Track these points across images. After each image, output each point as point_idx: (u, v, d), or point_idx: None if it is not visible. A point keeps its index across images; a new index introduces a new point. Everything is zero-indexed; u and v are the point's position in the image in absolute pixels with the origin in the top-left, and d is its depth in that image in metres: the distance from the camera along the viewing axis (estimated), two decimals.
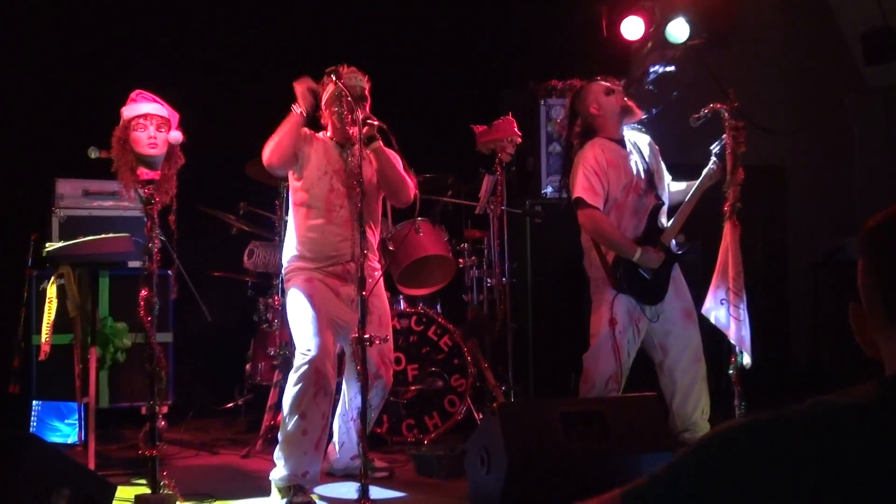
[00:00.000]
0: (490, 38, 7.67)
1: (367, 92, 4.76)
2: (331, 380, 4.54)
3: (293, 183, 4.89)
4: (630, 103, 5.46)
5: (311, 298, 4.70)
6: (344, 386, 5.02)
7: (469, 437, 4.58)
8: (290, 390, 4.52)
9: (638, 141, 5.56)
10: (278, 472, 4.56)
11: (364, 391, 4.20)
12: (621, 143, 5.47)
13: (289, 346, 5.16)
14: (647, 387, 5.31)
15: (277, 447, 4.58)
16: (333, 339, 4.66)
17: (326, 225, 4.78)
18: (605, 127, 5.44)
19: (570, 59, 7.43)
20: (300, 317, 4.69)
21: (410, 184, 4.85)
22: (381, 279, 5.01)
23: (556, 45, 7.61)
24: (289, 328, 4.86)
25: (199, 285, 5.85)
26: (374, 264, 4.95)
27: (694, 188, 5.36)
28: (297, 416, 4.46)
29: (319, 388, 4.47)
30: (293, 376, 4.53)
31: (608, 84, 5.46)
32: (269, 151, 4.73)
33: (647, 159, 5.51)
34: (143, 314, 4.28)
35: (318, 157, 4.81)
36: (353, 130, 4.54)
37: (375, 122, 4.54)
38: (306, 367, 4.48)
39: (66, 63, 6.73)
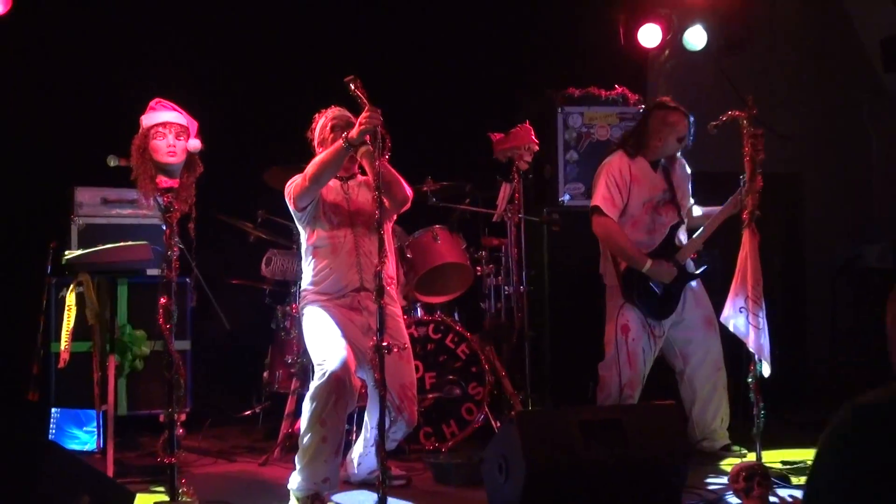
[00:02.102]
0: (507, 46, 7.67)
1: (353, 119, 4.70)
2: (351, 389, 4.53)
3: (300, 226, 4.94)
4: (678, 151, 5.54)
5: (329, 317, 4.74)
6: (366, 416, 5.01)
7: (487, 446, 4.56)
8: (310, 400, 4.52)
9: (668, 161, 5.58)
10: (297, 481, 4.55)
11: (382, 403, 4.14)
12: (654, 163, 5.52)
13: (306, 353, 5.16)
14: (667, 395, 5.29)
15: (297, 456, 4.58)
16: (352, 352, 4.64)
17: (333, 263, 4.81)
18: (651, 153, 5.50)
19: (587, 66, 7.43)
20: (317, 332, 4.72)
21: (404, 182, 4.84)
22: (401, 314, 5.04)
23: (573, 52, 7.61)
24: (306, 346, 4.91)
25: (217, 293, 5.87)
26: (390, 292, 4.87)
27: (718, 212, 5.38)
28: (317, 425, 4.47)
29: (340, 396, 4.46)
30: (312, 386, 4.54)
31: (685, 132, 5.45)
32: (309, 175, 4.67)
33: (673, 179, 5.53)
34: (162, 322, 4.28)
35: (321, 201, 4.84)
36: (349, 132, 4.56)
37: (363, 126, 4.52)
38: (325, 375, 4.48)
39: (86, 71, 6.77)
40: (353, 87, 4.42)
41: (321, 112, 4.92)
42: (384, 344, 4.11)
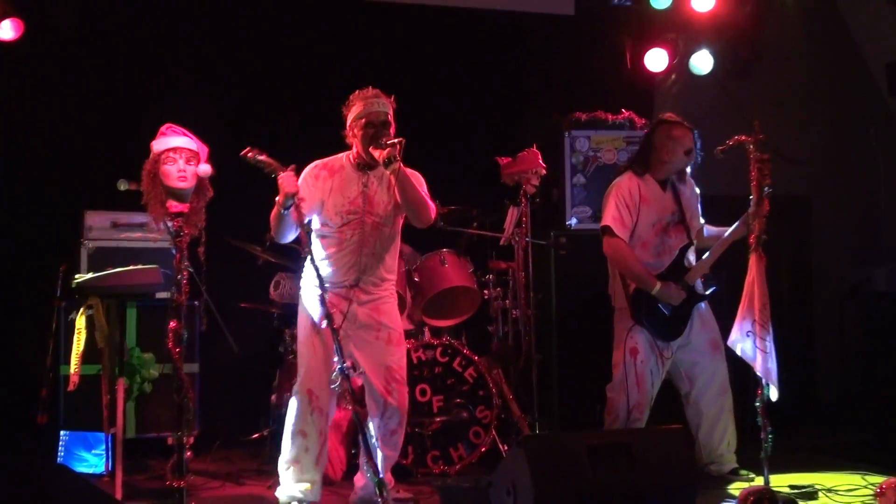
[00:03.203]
0: (515, 71, 7.71)
1: (390, 116, 4.80)
2: (325, 398, 4.78)
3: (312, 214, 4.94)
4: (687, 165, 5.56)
5: (311, 322, 4.83)
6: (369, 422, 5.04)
7: (495, 470, 4.57)
8: (289, 414, 4.82)
9: (679, 181, 5.60)
10: (281, 490, 4.82)
11: (360, 423, 4.38)
12: (662, 183, 5.53)
13: None
14: (674, 418, 5.29)
15: (280, 466, 4.84)
16: (329, 360, 4.73)
17: (334, 256, 4.85)
18: (660, 170, 5.51)
19: (594, 91, 7.47)
20: (301, 343, 4.90)
21: (431, 205, 4.87)
22: (395, 299, 5.05)
23: (580, 77, 7.65)
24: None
25: (225, 316, 5.87)
26: (386, 286, 4.97)
27: (726, 234, 5.39)
28: (297, 436, 4.77)
29: (315, 408, 4.75)
30: (291, 401, 4.84)
31: (691, 144, 5.49)
32: (271, 233, 4.81)
33: (682, 201, 5.55)
34: (172, 345, 4.30)
35: (334, 196, 4.83)
36: (376, 154, 4.63)
37: (396, 142, 4.58)
38: (298, 390, 4.80)
39: (96, 96, 6.80)
40: (252, 156, 4.48)
41: (361, 93, 4.85)
42: (347, 365, 4.28)
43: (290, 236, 4.77)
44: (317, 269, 4.44)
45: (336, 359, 4.24)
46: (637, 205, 5.44)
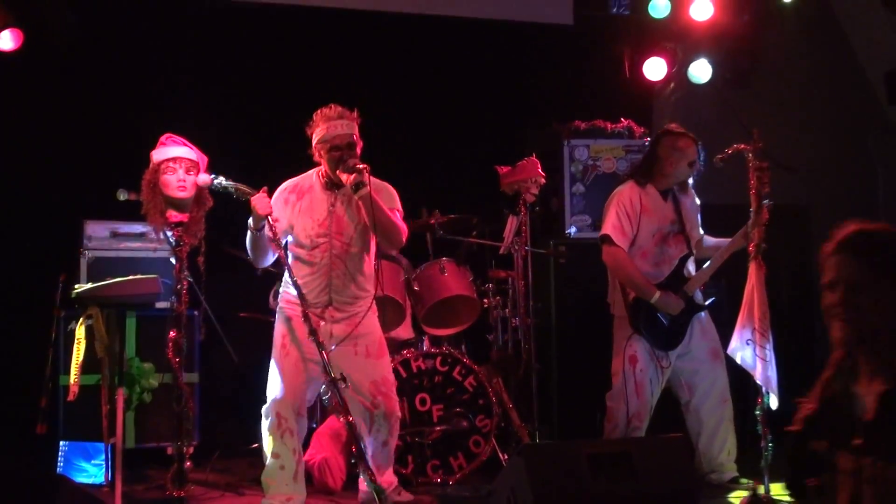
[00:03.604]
0: (514, 80, 7.71)
1: (356, 136, 4.81)
2: (293, 420, 4.81)
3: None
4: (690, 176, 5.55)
5: (283, 343, 4.89)
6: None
7: (495, 479, 4.57)
8: (263, 436, 4.86)
9: (680, 192, 5.60)
10: None
11: (353, 429, 4.52)
12: (664, 193, 5.53)
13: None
14: (674, 426, 5.29)
15: (263, 483, 4.87)
16: (304, 379, 4.84)
17: (307, 279, 4.86)
18: (663, 181, 5.51)
19: (593, 99, 7.48)
20: (275, 360, 4.93)
21: (402, 227, 4.89)
22: (373, 307, 5.04)
23: (579, 85, 7.66)
24: None
25: (225, 326, 5.88)
26: (361, 303, 4.97)
27: (726, 245, 5.40)
28: (271, 458, 4.81)
29: (284, 430, 4.79)
30: (263, 422, 4.86)
31: (695, 156, 5.49)
32: (253, 262, 4.93)
33: (683, 211, 5.55)
34: (171, 355, 4.30)
35: (303, 219, 4.88)
36: (345, 179, 4.69)
37: (361, 167, 4.61)
38: (268, 413, 4.83)
39: (96, 106, 6.81)
40: (216, 184, 4.61)
41: (323, 114, 4.85)
42: (336, 377, 4.43)
43: (269, 259, 4.87)
44: (297, 287, 4.50)
45: (326, 371, 4.29)
46: (638, 214, 5.45)
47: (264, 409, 4.86)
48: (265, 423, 4.84)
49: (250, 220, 4.68)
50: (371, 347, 4.94)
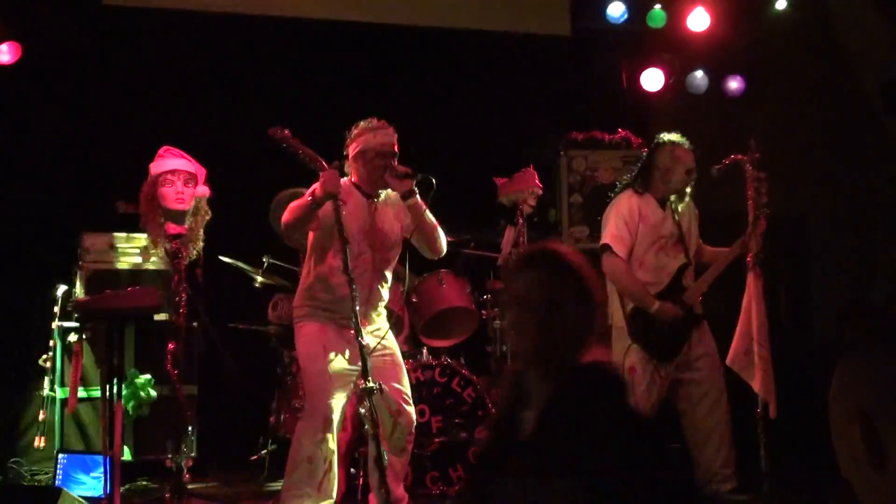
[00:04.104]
0: (511, 90, 7.72)
1: (395, 147, 4.81)
2: (334, 425, 4.68)
3: (315, 232, 4.86)
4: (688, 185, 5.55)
5: (324, 347, 4.75)
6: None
7: None
8: (299, 437, 4.68)
9: (678, 201, 5.61)
10: None
11: (376, 438, 4.35)
12: (662, 202, 5.53)
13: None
14: (672, 436, 5.28)
15: (283, 489, 4.73)
16: (343, 386, 4.73)
17: (340, 285, 4.67)
18: (660, 189, 5.51)
19: (590, 110, 7.50)
20: (312, 363, 4.77)
21: (442, 237, 4.89)
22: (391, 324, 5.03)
23: (576, 96, 7.67)
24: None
25: (223, 337, 5.88)
26: (384, 313, 4.96)
27: (724, 254, 5.40)
28: (303, 461, 4.63)
29: (326, 432, 4.64)
30: (302, 423, 4.71)
31: (692, 164, 5.48)
32: (285, 220, 4.69)
33: (682, 220, 5.55)
34: (170, 367, 4.30)
35: (348, 223, 4.65)
36: (395, 185, 4.67)
37: (412, 172, 4.61)
38: (314, 414, 4.66)
39: (94, 118, 6.82)
40: (284, 139, 4.48)
41: (367, 123, 4.82)
42: (377, 385, 4.30)
43: (301, 236, 4.70)
44: (332, 294, 4.45)
45: (366, 378, 4.24)
46: (636, 223, 5.44)
47: (307, 407, 4.72)
48: (305, 424, 4.68)
49: (315, 189, 4.51)
50: (395, 357, 4.93)
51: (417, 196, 4.65)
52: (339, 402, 4.72)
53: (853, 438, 4.61)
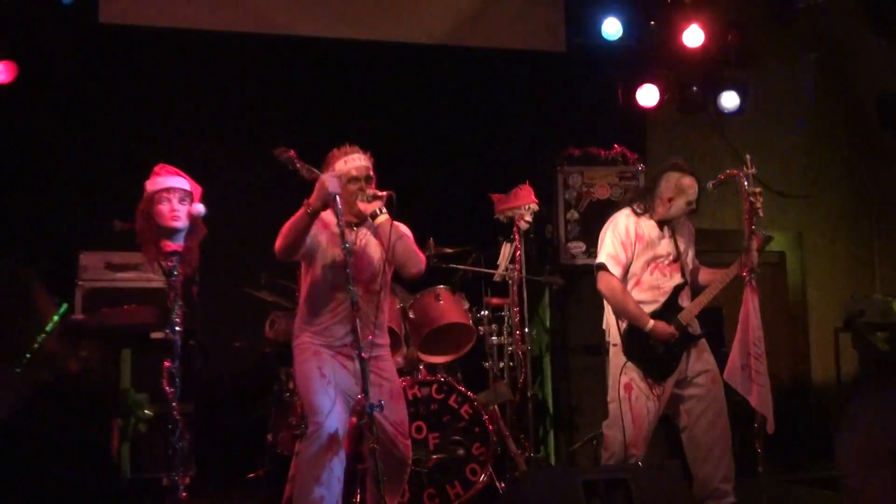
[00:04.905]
0: (507, 107, 7.74)
1: (371, 171, 4.77)
2: (344, 445, 4.55)
3: (305, 269, 4.85)
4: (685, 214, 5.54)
5: (321, 368, 4.67)
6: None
7: None
8: (306, 458, 4.52)
9: (675, 221, 5.60)
10: None
11: (377, 459, 4.26)
12: (660, 222, 5.52)
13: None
14: (671, 452, 5.27)
15: None
16: (344, 406, 4.65)
17: (330, 320, 4.71)
18: (659, 213, 5.49)
19: (586, 126, 7.51)
20: (311, 384, 4.66)
21: (421, 256, 4.84)
22: (391, 357, 4.98)
23: (572, 112, 7.68)
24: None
25: (220, 355, 5.87)
26: (382, 339, 4.87)
27: (721, 275, 5.40)
28: (313, 483, 4.46)
29: (335, 454, 4.48)
30: (307, 444, 4.53)
31: (695, 196, 5.47)
32: (279, 244, 4.63)
33: (679, 241, 5.55)
34: (166, 385, 4.29)
35: (323, 250, 4.72)
36: (364, 207, 4.61)
37: (382, 194, 4.58)
38: (320, 432, 4.49)
39: (90, 137, 6.83)
40: (286, 157, 4.44)
41: (340, 150, 4.79)
42: (377, 402, 4.24)
43: (296, 252, 4.64)
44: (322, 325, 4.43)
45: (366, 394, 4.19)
46: (633, 243, 5.44)
47: (311, 428, 4.53)
48: (310, 444, 4.49)
49: (311, 198, 4.48)
50: (393, 389, 4.82)
51: (386, 215, 4.59)
52: (340, 417, 4.60)
53: (884, 482, 4.56)
